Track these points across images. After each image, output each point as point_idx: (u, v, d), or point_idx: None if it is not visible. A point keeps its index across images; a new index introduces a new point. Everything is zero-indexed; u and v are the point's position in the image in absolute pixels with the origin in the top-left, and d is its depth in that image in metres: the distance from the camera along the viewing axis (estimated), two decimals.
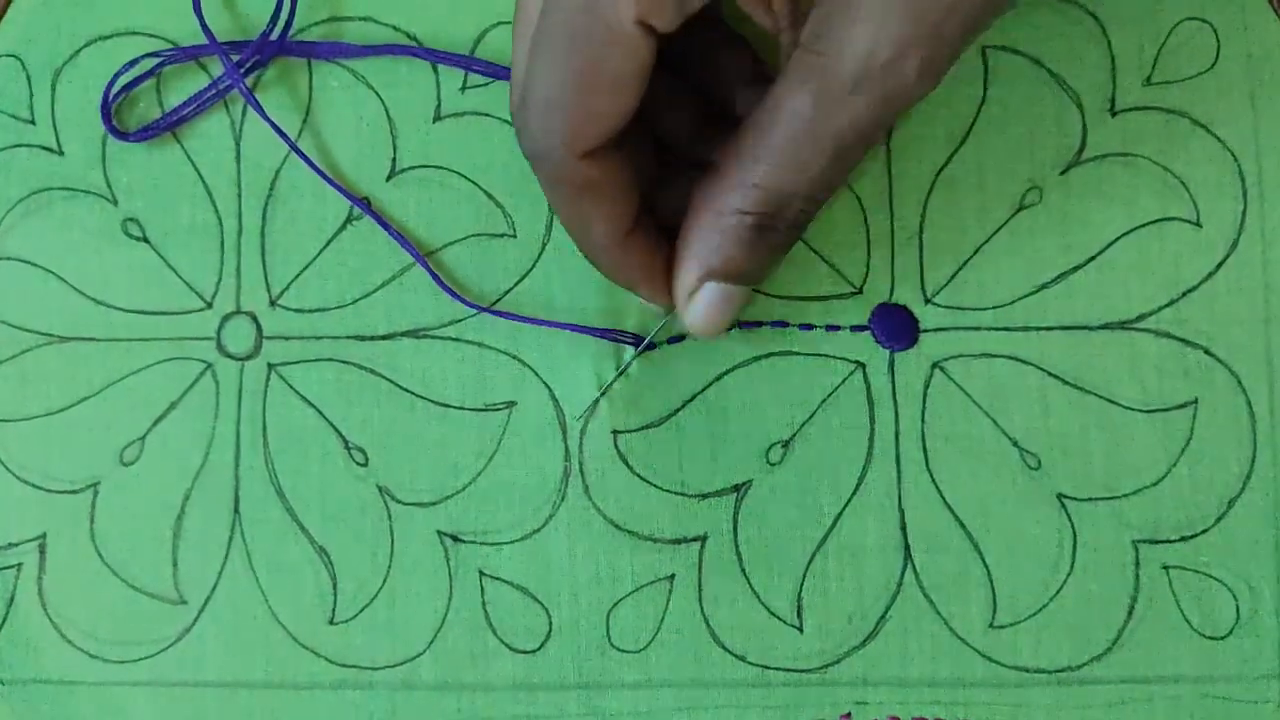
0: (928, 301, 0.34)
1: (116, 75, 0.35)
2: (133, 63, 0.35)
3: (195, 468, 0.34)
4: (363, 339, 0.35)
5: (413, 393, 0.34)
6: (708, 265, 0.29)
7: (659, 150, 0.32)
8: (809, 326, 0.34)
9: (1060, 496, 0.34)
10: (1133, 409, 0.34)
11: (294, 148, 0.34)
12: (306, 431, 0.34)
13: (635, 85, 0.27)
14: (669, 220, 0.30)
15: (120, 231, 0.35)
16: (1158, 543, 0.34)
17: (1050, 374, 0.34)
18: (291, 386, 0.35)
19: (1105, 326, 0.34)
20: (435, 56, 0.35)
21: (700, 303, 0.30)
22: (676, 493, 0.34)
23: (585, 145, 0.27)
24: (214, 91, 0.35)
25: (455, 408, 0.34)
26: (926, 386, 0.34)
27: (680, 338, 0.34)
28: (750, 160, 0.28)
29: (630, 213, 0.29)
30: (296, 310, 0.35)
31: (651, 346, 0.34)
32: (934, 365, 0.34)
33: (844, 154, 0.27)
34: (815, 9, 0.26)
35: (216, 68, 0.36)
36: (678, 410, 0.34)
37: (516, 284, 0.35)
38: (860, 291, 0.35)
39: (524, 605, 0.34)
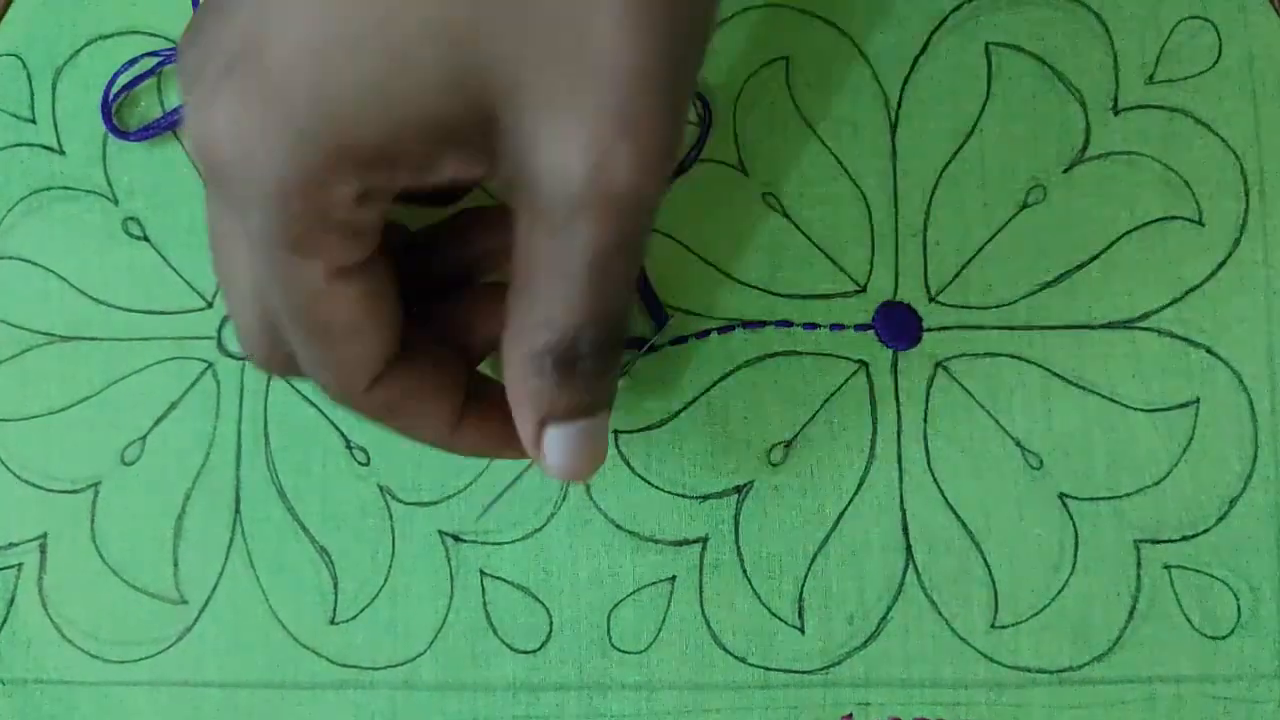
0: (931, 300, 0.34)
1: (117, 74, 0.35)
2: (133, 61, 0.35)
3: (196, 467, 0.34)
4: None
5: None
6: (538, 413, 0.27)
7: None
8: (813, 325, 0.34)
9: (1062, 496, 0.34)
10: (1135, 408, 0.34)
11: None
12: (308, 431, 0.34)
13: (379, 319, 0.25)
14: (464, 335, 0.29)
15: (121, 231, 0.35)
16: (1159, 542, 0.34)
17: (1052, 373, 0.34)
18: (292, 385, 0.35)
19: (1108, 325, 0.34)
20: None
21: (551, 450, 0.27)
22: (678, 494, 0.34)
23: (362, 386, 0.26)
24: None
25: None
26: (929, 386, 0.34)
27: (683, 339, 0.34)
28: (525, 304, 0.25)
29: (446, 407, 0.28)
30: None
31: (653, 349, 0.34)
32: (937, 364, 0.34)
33: (604, 276, 0.24)
34: (502, 146, 0.23)
35: None
36: (679, 412, 0.34)
37: None
38: (864, 290, 0.34)
39: (525, 605, 0.34)
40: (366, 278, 0.25)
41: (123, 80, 0.35)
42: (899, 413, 0.34)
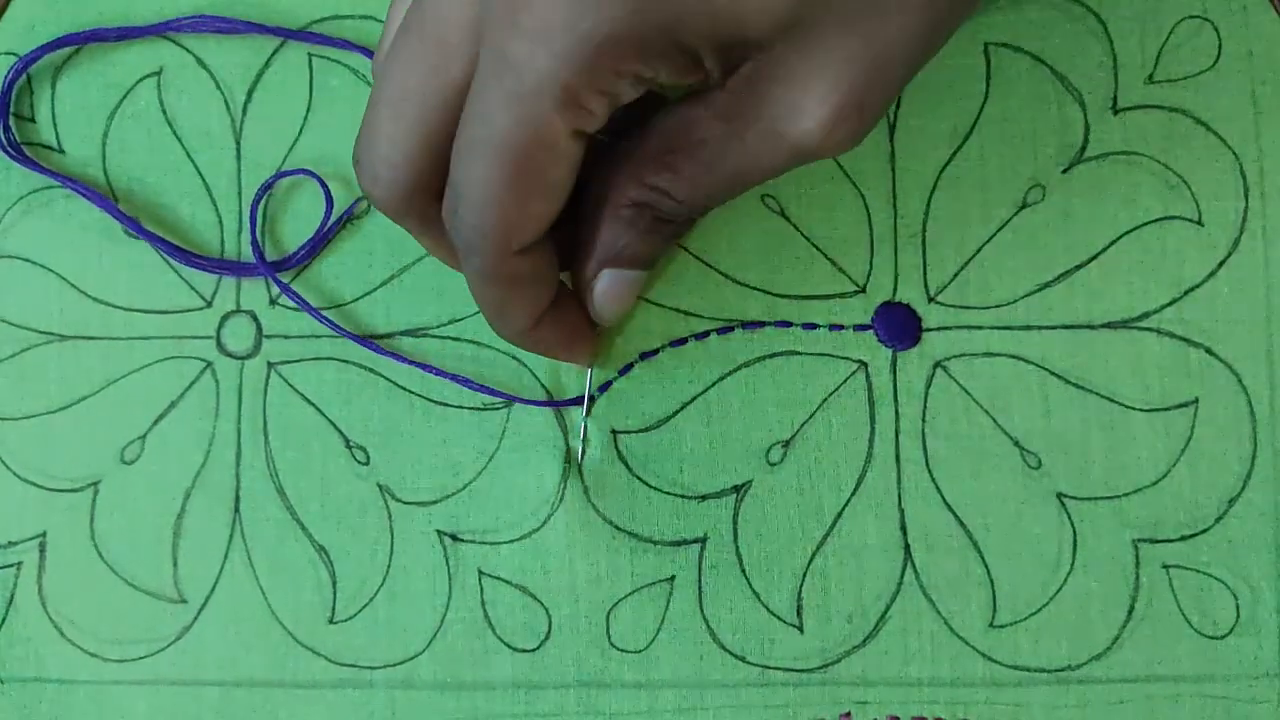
0: (930, 300, 0.34)
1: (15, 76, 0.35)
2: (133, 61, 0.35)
3: (196, 466, 0.34)
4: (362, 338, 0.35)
5: (412, 392, 0.34)
6: (606, 254, 0.30)
7: None
8: (812, 325, 0.34)
9: (1060, 496, 0.34)
10: (1134, 408, 0.34)
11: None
12: (307, 430, 0.34)
13: (568, 185, 0.27)
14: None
15: (120, 230, 0.35)
16: (1158, 542, 0.34)
17: (1051, 373, 0.34)
18: (292, 385, 0.35)
19: (1107, 325, 0.34)
20: None
21: (601, 290, 0.31)
22: (676, 494, 0.34)
23: (519, 244, 0.27)
24: None
25: (455, 407, 0.34)
26: (928, 386, 0.34)
27: (683, 340, 0.34)
28: (653, 165, 0.28)
29: (550, 295, 0.30)
30: (296, 309, 0.35)
31: (654, 353, 0.34)
32: (936, 364, 0.34)
33: (744, 186, 0.28)
34: (750, 61, 0.26)
35: (218, 66, 0.36)
36: (677, 412, 0.34)
37: None
38: (863, 290, 0.34)
39: (523, 604, 0.34)
40: (579, 152, 0.26)
41: (121, 79, 0.35)
42: (897, 413, 0.34)
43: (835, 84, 0.25)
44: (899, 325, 0.34)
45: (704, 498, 0.34)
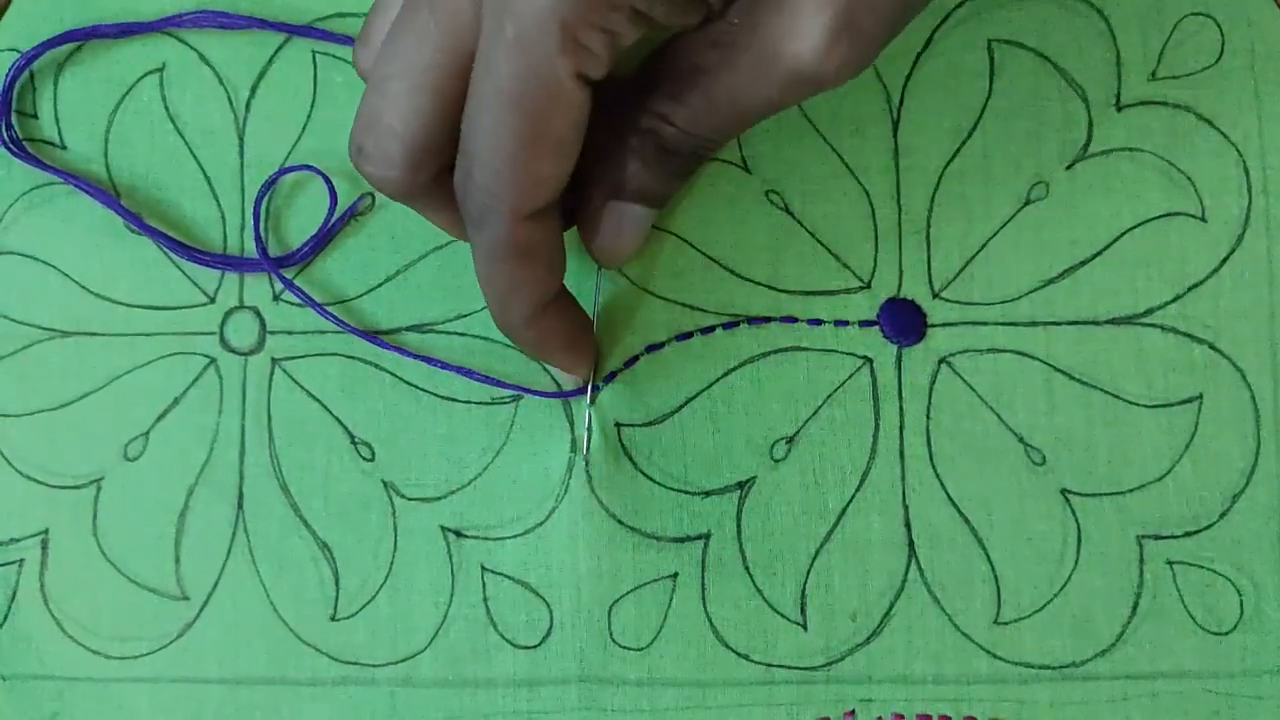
0: (935, 296, 0.34)
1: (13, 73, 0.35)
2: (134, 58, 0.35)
3: (199, 463, 0.34)
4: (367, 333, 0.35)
5: (418, 387, 0.34)
6: (612, 184, 0.30)
7: None
8: (817, 321, 0.34)
9: (1065, 492, 0.34)
10: (1138, 404, 0.34)
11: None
12: (312, 426, 0.34)
13: (577, 140, 0.27)
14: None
15: (123, 226, 0.35)
16: (1162, 538, 0.34)
17: (1056, 369, 0.34)
18: (296, 381, 0.35)
19: (1111, 321, 0.34)
20: None
21: (607, 224, 0.31)
22: (680, 490, 0.34)
23: (531, 207, 0.27)
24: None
25: (461, 402, 0.34)
26: (932, 382, 0.34)
27: (688, 335, 0.34)
28: (662, 97, 0.29)
29: (558, 277, 0.30)
30: (299, 304, 0.35)
31: (660, 347, 0.34)
32: (940, 360, 0.34)
33: (752, 119, 0.29)
34: None
35: (221, 62, 0.36)
36: (681, 407, 0.34)
37: None
38: (868, 286, 0.35)
39: (525, 600, 0.34)
40: (586, 101, 0.26)
41: (125, 75, 0.35)
42: (902, 409, 0.34)
43: (825, 5, 0.26)
44: (904, 321, 0.34)
45: (708, 494, 0.34)
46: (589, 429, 0.34)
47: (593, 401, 0.34)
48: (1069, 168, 0.35)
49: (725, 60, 0.27)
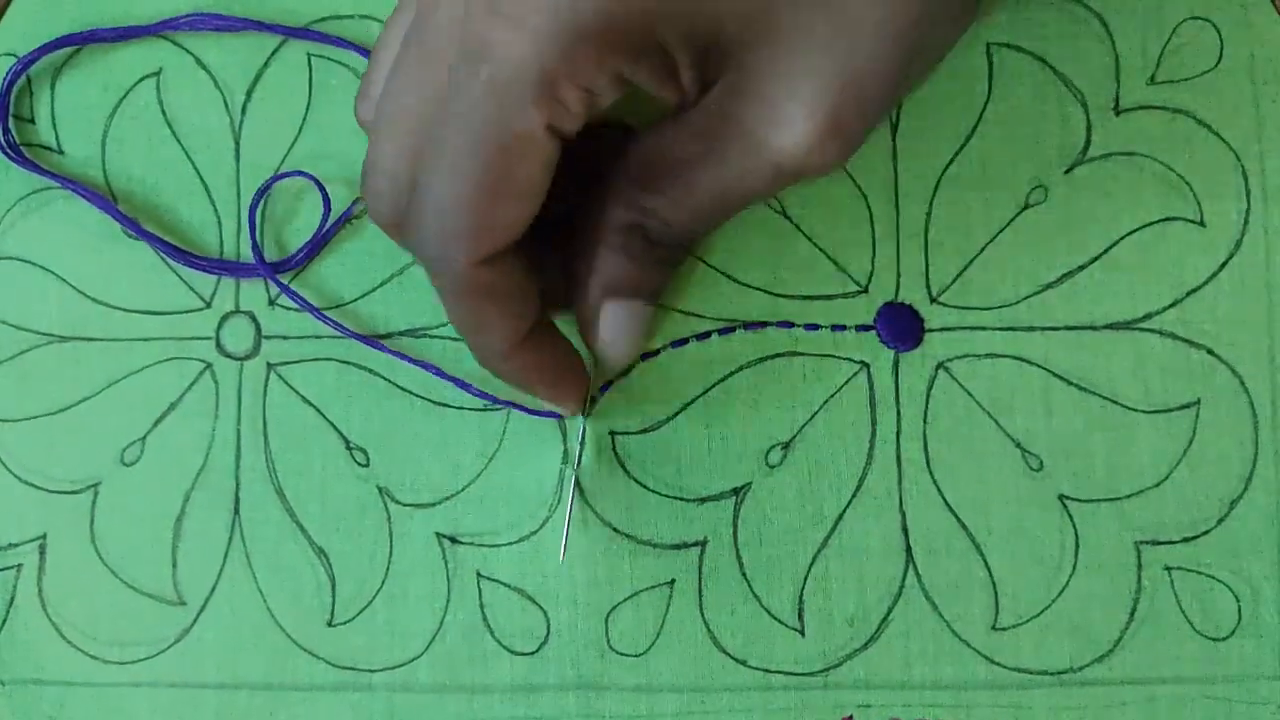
0: (933, 301, 0.34)
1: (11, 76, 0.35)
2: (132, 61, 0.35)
3: (196, 468, 0.34)
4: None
5: (413, 392, 0.34)
6: (605, 283, 0.29)
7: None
8: (814, 326, 0.34)
9: (1062, 497, 0.34)
10: (1136, 410, 0.34)
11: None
12: (307, 431, 0.34)
13: (541, 190, 0.26)
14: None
15: (120, 231, 0.35)
16: (1160, 544, 0.33)
17: (1054, 374, 0.34)
18: (291, 386, 0.34)
19: (1109, 326, 0.34)
20: None
21: (608, 322, 0.30)
22: (676, 497, 0.34)
23: (489, 252, 0.27)
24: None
25: (455, 407, 0.34)
26: (930, 387, 0.34)
27: (684, 341, 0.34)
28: (642, 189, 0.28)
29: (531, 313, 0.29)
30: (295, 309, 0.35)
31: (655, 353, 0.34)
32: (938, 365, 0.34)
33: (729, 207, 0.28)
34: (724, 77, 0.26)
35: (217, 66, 0.36)
36: (676, 414, 0.34)
37: None
38: (866, 291, 0.34)
39: (522, 607, 0.34)
40: (554, 153, 0.26)
41: (122, 79, 0.35)
42: (899, 414, 0.34)
43: (809, 102, 0.25)
44: (902, 326, 0.34)
45: (703, 500, 0.34)
46: (582, 443, 0.34)
47: (588, 415, 0.34)
48: (1067, 172, 0.34)
49: (709, 152, 0.27)
